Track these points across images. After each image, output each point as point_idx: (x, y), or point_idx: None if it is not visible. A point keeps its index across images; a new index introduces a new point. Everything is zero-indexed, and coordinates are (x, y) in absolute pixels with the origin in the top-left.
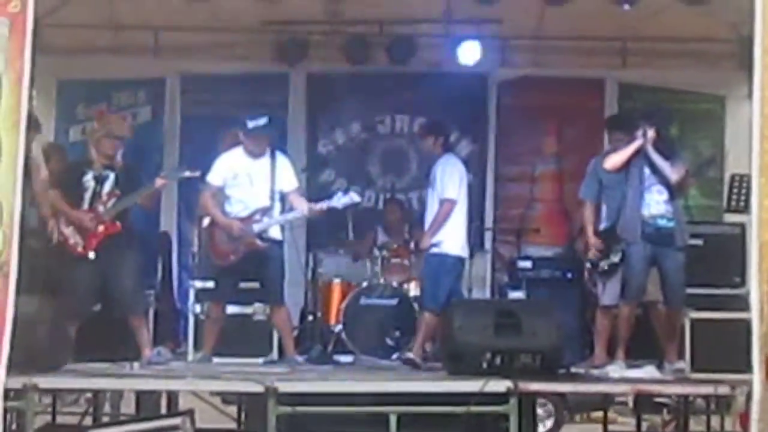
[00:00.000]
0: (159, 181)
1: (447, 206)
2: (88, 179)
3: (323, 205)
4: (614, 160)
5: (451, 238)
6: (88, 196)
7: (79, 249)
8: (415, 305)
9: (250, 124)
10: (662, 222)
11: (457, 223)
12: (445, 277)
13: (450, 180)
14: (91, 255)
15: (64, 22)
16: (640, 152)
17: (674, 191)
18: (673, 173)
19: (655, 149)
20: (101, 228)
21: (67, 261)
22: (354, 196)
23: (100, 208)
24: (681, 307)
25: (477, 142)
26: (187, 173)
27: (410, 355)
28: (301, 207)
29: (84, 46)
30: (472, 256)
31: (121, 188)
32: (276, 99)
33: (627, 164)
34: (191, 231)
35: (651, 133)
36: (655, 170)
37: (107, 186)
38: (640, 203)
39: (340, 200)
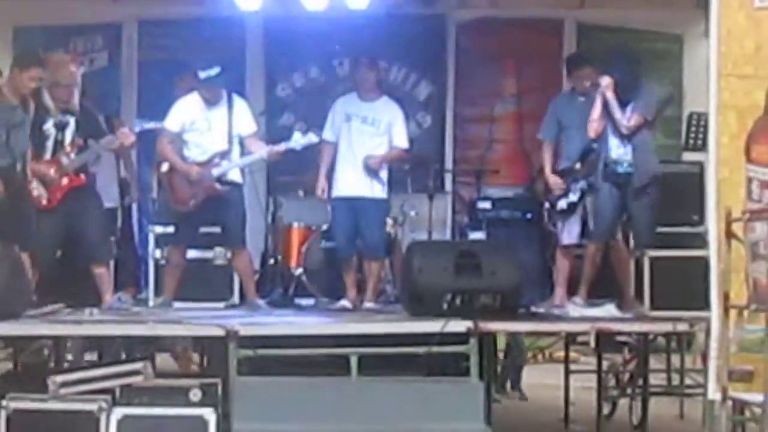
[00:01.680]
0: (125, 136)
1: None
2: (49, 127)
3: (281, 147)
4: (594, 126)
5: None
6: (50, 144)
7: (44, 202)
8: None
9: (202, 75)
10: (621, 167)
11: None
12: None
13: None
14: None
15: None
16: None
17: (630, 136)
18: (626, 123)
19: (613, 97)
20: (65, 180)
21: (29, 212)
22: (312, 137)
23: (64, 160)
24: (647, 248)
25: (435, 84)
26: (151, 125)
27: (369, 305)
28: (260, 150)
29: None
30: (431, 198)
31: (83, 135)
32: (233, 43)
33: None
34: (150, 177)
35: (605, 82)
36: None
37: (68, 134)
38: (605, 148)
39: (298, 141)
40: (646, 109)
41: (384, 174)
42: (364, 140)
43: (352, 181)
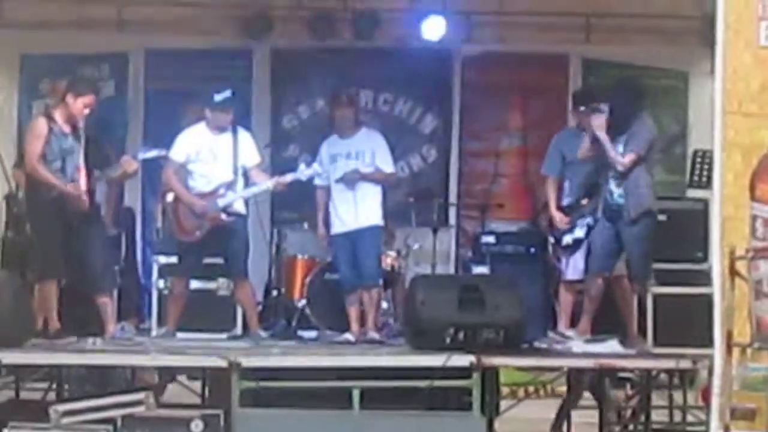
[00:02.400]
0: (128, 163)
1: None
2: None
3: (286, 178)
4: (582, 149)
5: None
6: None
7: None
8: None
9: (218, 98)
10: (615, 199)
11: None
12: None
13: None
14: None
15: None
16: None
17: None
18: (621, 160)
19: (605, 137)
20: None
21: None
22: (317, 168)
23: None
24: (644, 281)
25: (441, 118)
26: (154, 153)
27: (373, 334)
28: (264, 182)
29: (47, 20)
30: (436, 231)
31: (89, 163)
32: (240, 74)
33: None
34: (155, 206)
35: (596, 121)
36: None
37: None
38: (605, 181)
39: (303, 172)
40: (639, 145)
41: (377, 199)
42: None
43: (347, 217)
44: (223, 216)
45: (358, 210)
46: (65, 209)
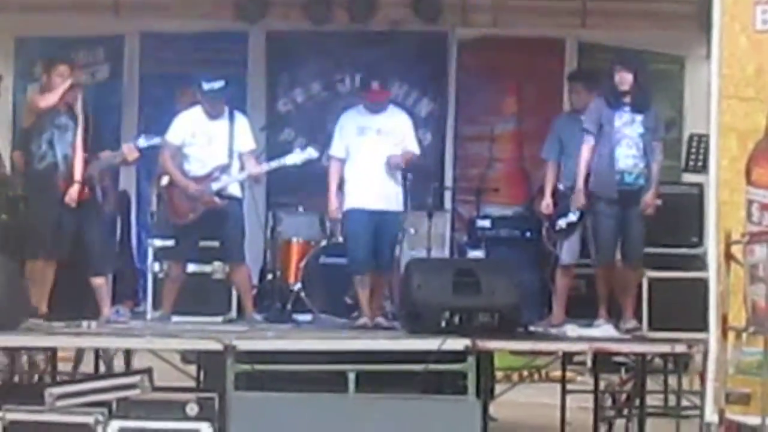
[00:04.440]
0: (129, 152)
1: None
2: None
3: (276, 164)
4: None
5: None
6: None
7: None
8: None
9: (206, 86)
10: (629, 178)
11: None
12: None
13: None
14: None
15: None
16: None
17: (646, 147)
18: (658, 159)
19: (632, 97)
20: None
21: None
22: (312, 152)
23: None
24: (639, 265)
25: (436, 102)
26: (157, 140)
27: (381, 320)
28: (253, 169)
29: (42, 3)
30: (431, 215)
31: (88, 147)
32: (236, 58)
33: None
34: (150, 190)
35: (624, 76)
36: (626, 122)
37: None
38: (612, 160)
39: (298, 156)
40: (661, 130)
41: (400, 182)
42: (381, 151)
43: (372, 193)
44: (217, 199)
45: (385, 190)
46: (53, 181)
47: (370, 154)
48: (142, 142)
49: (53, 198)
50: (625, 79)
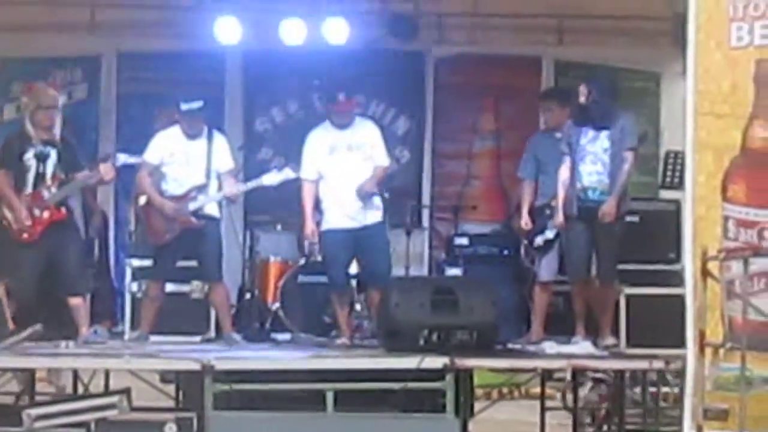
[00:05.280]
0: (106, 171)
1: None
2: (29, 157)
3: (253, 184)
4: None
5: None
6: (31, 177)
7: (24, 236)
8: (353, 283)
9: (184, 107)
10: (594, 195)
11: None
12: None
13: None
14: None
15: None
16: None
17: (611, 162)
18: (626, 168)
19: (593, 113)
20: (46, 214)
21: (9, 245)
22: (289, 172)
23: (45, 193)
24: (614, 282)
25: (414, 120)
26: (134, 159)
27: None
28: (231, 189)
29: (19, 23)
30: (409, 233)
31: (64, 168)
32: (213, 77)
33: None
34: (128, 209)
35: (581, 91)
36: (590, 139)
37: (50, 166)
38: (573, 179)
39: (275, 176)
40: (634, 141)
41: (376, 197)
42: (354, 167)
43: (347, 211)
44: (194, 219)
45: (359, 206)
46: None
47: (343, 172)
48: (122, 158)
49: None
50: (581, 93)
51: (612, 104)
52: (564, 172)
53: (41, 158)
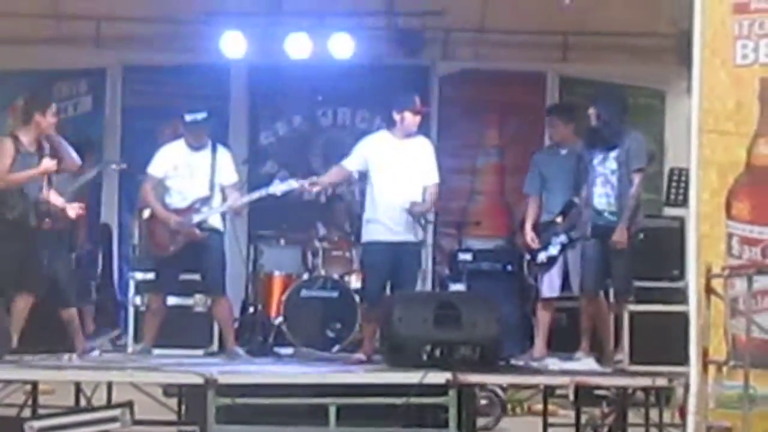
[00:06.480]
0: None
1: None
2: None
3: (257, 195)
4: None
5: None
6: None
7: None
8: (356, 297)
9: (188, 118)
10: (606, 216)
11: None
12: None
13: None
14: None
15: (5, 10)
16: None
17: (619, 183)
18: (633, 191)
19: (601, 134)
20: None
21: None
22: (293, 183)
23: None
24: (627, 298)
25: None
26: (113, 166)
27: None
28: (236, 202)
29: (25, 35)
30: None
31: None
32: (218, 91)
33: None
34: (132, 223)
35: (591, 114)
36: (600, 161)
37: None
38: (590, 198)
39: (277, 187)
40: (642, 160)
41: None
42: (406, 181)
43: (391, 225)
44: (198, 232)
45: (405, 221)
46: (26, 225)
47: (393, 183)
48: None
49: (22, 237)
50: (592, 116)
51: (620, 124)
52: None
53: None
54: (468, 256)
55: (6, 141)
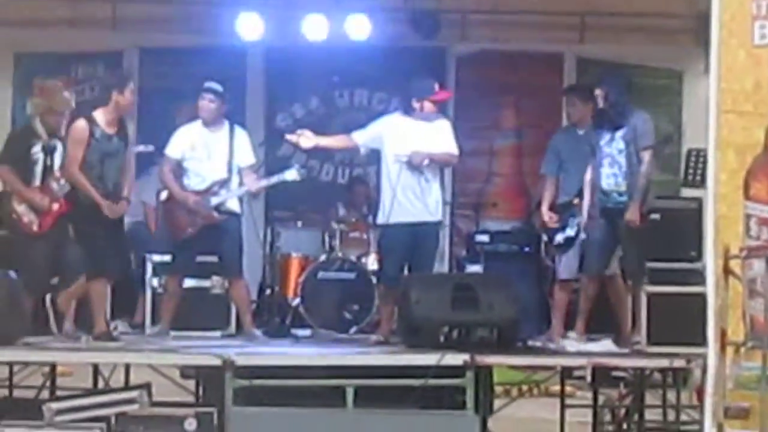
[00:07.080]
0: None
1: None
2: (36, 151)
3: (273, 180)
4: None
5: None
6: (39, 170)
7: (34, 228)
8: (373, 279)
9: (207, 84)
10: (614, 197)
11: None
12: None
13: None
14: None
15: None
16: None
17: (628, 162)
18: (643, 170)
19: (608, 115)
20: (56, 206)
21: (21, 238)
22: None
23: (53, 185)
24: (640, 279)
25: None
26: (141, 148)
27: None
28: (252, 184)
29: (42, 18)
30: None
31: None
32: (234, 73)
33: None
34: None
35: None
36: (607, 141)
37: (57, 158)
38: (598, 179)
39: (296, 173)
40: (650, 138)
41: (437, 189)
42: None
43: (409, 206)
44: (216, 214)
45: (424, 200)
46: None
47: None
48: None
49: (101, 223)
50: (599, 97)
51: (626, 103)
52: (587, 175)
53: (48, 151)
54: (485, 238)
55: (79, 124)
